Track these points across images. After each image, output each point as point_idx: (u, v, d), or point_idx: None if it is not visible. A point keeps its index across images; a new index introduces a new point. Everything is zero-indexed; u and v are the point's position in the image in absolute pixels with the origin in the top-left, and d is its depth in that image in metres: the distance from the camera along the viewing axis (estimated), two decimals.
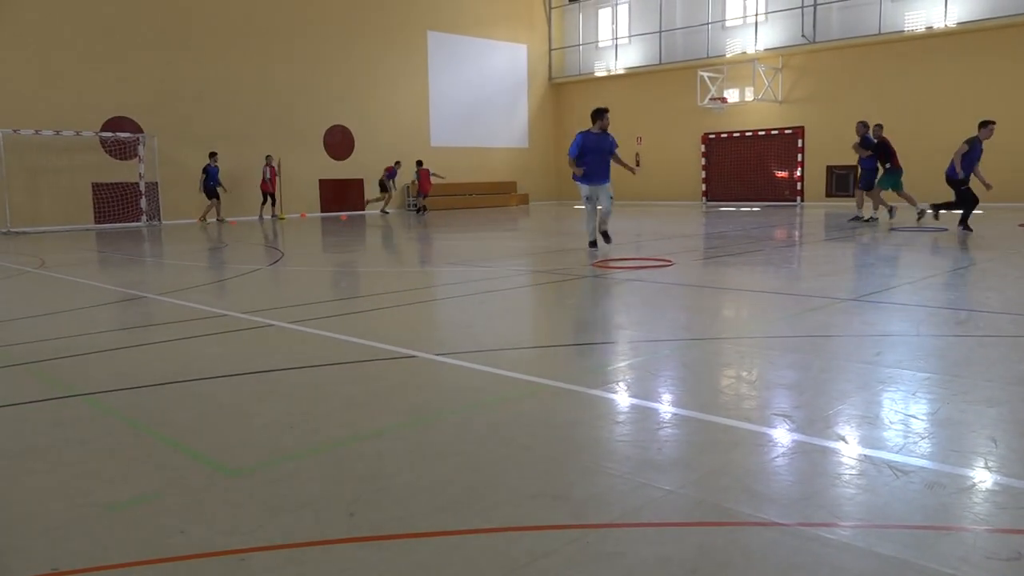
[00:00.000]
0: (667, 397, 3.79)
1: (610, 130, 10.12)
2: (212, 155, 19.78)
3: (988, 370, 4.04)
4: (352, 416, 3.54)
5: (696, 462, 2.89)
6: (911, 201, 14.43)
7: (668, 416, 3.46)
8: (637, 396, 3.78)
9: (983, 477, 2.67)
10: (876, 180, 14.45)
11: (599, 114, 10.09)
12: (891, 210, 14.72)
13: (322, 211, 23.20)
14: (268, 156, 20.78)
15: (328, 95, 22.96)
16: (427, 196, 23.70)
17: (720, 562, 2.12)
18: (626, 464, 2.85)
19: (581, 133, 10.05)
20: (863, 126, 14.62)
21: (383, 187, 23.53)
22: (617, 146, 10.33)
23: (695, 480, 2.69)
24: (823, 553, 2.14)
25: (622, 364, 4.50)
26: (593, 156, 9.99)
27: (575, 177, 10.28)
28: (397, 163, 23.73)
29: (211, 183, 19.73)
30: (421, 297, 7.37)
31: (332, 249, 12.86)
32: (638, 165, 26.43)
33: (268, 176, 20.74)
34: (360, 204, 23.80)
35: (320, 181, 23.16)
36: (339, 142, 23.47)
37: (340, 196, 23.53)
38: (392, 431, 3.31)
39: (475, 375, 4.23)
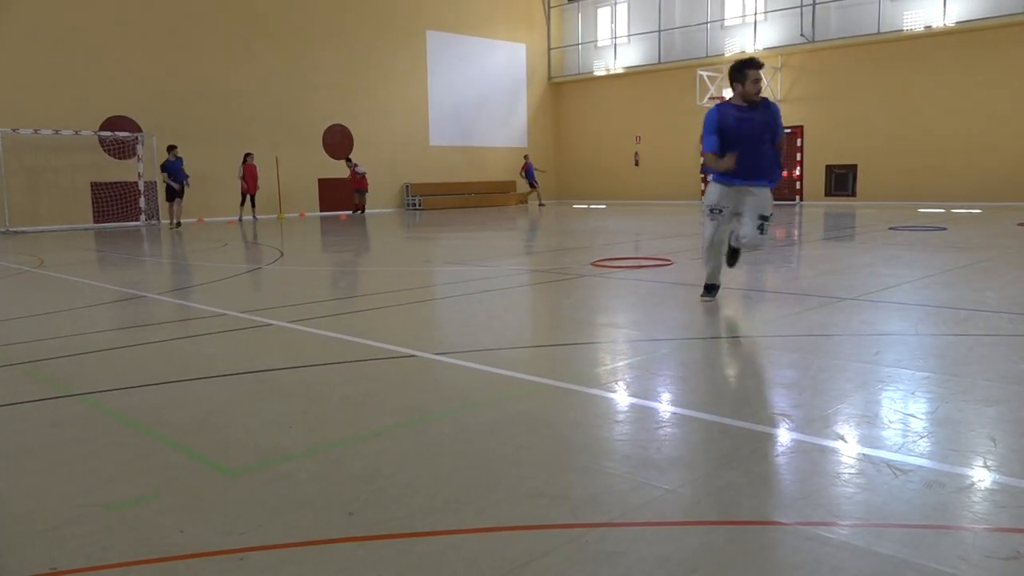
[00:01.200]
0: (666, 396, 3.79)
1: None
2: (171, 148, 17.96)
3: (987, 369, 4.04)
4: (350, 416, 3.54)
5: (695, 462, 2.89)
6: None
7: (667, 415, 3.46)
8: (636, 395, 3.77)
9: (982, 476, 2.67)
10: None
11: (739, 73, 5.76)
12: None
13: (321, 210, 23.18)
14: (247, 154, 19.79)
15: (327, 95, 22.95)
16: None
17: (720, 561, 2.12)
18: (625, 463, 2.85)
19: (716, 107, 5.90)
20: None
21: (531, 183, 25.76)
22: (783, 130, 5.98)
23: (694, 479, 2.69)
24: (822, 552, 2.14)
25: (621, 364, 4.49)
26: (736, 141, 5.72)
27: (712, 172, 6.13)
28: (526, 156, 26.01)
29: (173, 180, 17.89)
30: (420, 296, 7.36)
31: (331, 248, 12.85)
32: (637, 164, 26.47)
33: (244, 174, 19.58)
34: (357, 203, 23.75)
35: (319, 180, 23.15)
36: (338, 142, 23.45)
37: (339, 195, 23.50)
38: (390, 431, 3.30)
39: (474, 375, 4.23)
